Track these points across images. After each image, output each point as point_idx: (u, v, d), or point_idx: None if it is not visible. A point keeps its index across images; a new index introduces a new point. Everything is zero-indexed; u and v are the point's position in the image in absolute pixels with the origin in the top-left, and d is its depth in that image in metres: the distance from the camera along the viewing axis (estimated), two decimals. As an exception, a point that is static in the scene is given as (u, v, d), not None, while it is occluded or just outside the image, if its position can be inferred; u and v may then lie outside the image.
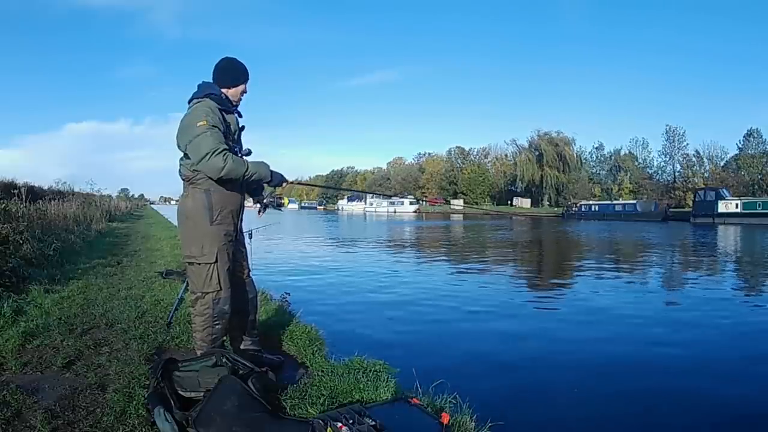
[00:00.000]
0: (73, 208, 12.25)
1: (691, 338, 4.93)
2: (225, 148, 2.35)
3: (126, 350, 3.02)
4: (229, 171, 2.35)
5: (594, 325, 5.42)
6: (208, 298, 2.50)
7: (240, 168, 2.39)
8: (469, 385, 2.80)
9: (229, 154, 2.36)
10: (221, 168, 2.32)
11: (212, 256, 2.47)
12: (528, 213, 55.11)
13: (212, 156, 2.31)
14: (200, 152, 2.32)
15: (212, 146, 2.31)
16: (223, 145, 2.36)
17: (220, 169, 2.33)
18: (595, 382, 3.73)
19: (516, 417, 2.92)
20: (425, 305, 6.33)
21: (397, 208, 60.25)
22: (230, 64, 2.65)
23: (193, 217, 2.50)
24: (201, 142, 2.33)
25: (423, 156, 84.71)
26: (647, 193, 52.84)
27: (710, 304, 6.49)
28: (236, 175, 2.39)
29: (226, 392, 2.01)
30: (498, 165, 72.30)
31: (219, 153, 2.32)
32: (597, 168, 65.44)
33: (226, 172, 2.35)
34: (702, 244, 17.02)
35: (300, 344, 3.23)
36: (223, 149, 2.34)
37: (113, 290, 4.90)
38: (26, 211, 7.82)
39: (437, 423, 2.03)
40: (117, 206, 25.57)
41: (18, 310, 3.81)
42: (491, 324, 5.44)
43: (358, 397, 2.35)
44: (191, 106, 2.50)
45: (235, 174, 2.38)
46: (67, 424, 2.08)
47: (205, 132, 2.33)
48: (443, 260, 12.09)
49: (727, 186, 40.74)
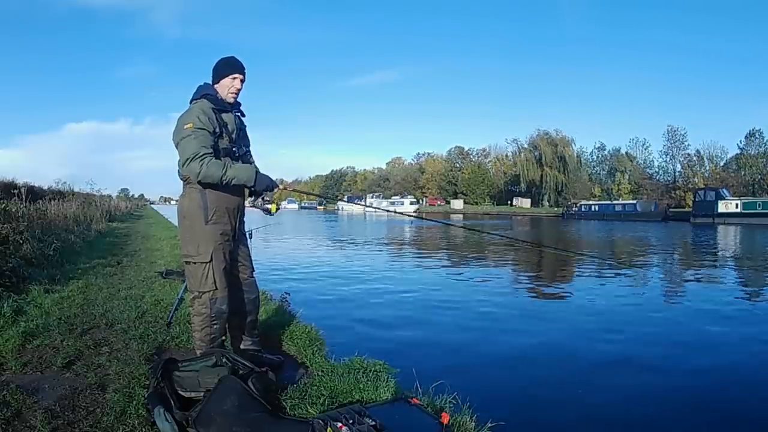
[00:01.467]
0: (73, 208, 12.25)
1: (694, 339, 4.93)
2: (205, 153, 2.36)
3: (126, 350, 3.02)
4: (205, 176, 2.37)
5: (595, 325, 5.41)
6: (205, 298, 2.50)
7: (216, 172, 2.38)
8: (469, 385, 2.80)
9: (207, 159, 2.36)
10: (198, 173, 2.36)
11: (207, 256, 2.47)
12: (528, 213, 55.12)
13: (191, 161, 2.34)
14: (183, 156, 2.38)
15: (193, 151, 2.34)
16: (206, 149, 2.37)
17: (197, 174, 2.36)
18: (598, 381, 3.73)
19: (516, 417, 2.92)
20: (425, 305, 6.33)
21: (397, 208, 60.21)
22: (219, 61, 2.64)
23: (189, 216, 2.51)
24: (185, 146, 2.37)
25: (423, 156, 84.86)
26: (647, 193, 52.78)
27: (711, 305, 6.49)
28: (213, 179, 2.39)
29: (226, 392, 2.01)
30: (498, 165, 72.31)
31: (198, 158, 2.34)
32: (597, 168, 65.43)
33: (203, 177, 2.37)
34: (702, 244, 17.01)
35: (300, 344, 3.23)
36: (203, 154, 2.36)
37: (113, 290, 4.90)
38: (26, 211, 7.82)
39: (437, 423, 2.03)
40: (117, 206, 25.55)
41: (18, 310, 3.81)
42: (492, 324, 5.43)
43: (358, 397, 2.34)
44: (187, 108, 2.52)
45: (212, 179, 2.39)
46: (67, 424, 2.08)
47: (190, 135, 2.36)
48: (443, 260, 12.09)
49: (727, 186, 40.72)
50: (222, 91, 2.59)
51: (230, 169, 2.43)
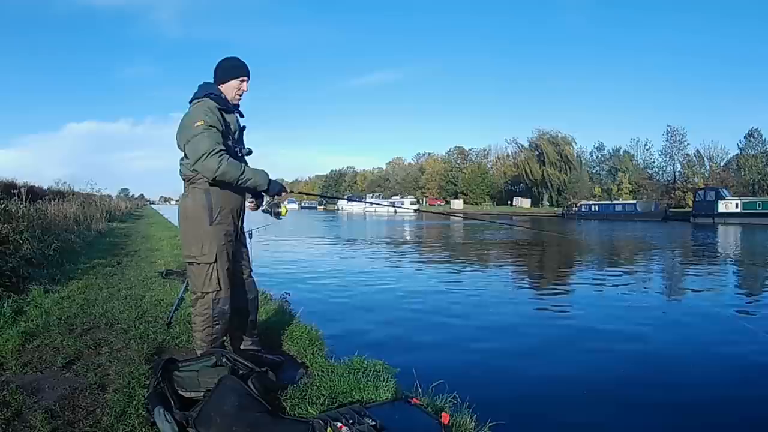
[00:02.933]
0: (73, 208, 12.25)
1: (696, 340, 4.92)
2: (222, 150, 2.35)
3: (126, 350, 3.01)
4: (223, 173, 2.34)
5: (597, 324, 5.42)
6: (208, 298, 2.49)
7: (235, 172, 2.37)
8: (469, 385, 2.80)
9: (225, 156, 2.35)
10: (215, 169, 2.32)
11: (212, 256, 2.47)
12: (528, 213, 55.10)
13: (208, 157, 2.30)
14: (197, 153, 2.33)
15: (209, 147, 2.31)
16: (220, 146, 2.35)
17: (214, 171, 2.32)
18: (598, 381, 3.73)
19: (516, 417, 2.92)
20: (425, 305, 6.33)
21: (398, 209, 60.12)
22: (225, 61, 2.63)
23: (192, 216, 2.49)
24: (198, 143, 2.33)
25: (423, 156, 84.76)
26: (647, 193, 52.75)
27: (713, 304, 6.49)
28: (230, 178, 2.37)
29: (226, 392, 2.01)
30: (498, 165, 72.27)
31: (215, 154, 2.31)
32: (597, 168, 65.37)
33: (220, 174, 2.34)
34: (702, 245, 17.00)
35: (300, 344, 3.23)
36: (220, 150, 2.33)
37: (113, 290, 4.90)
38: (26, 211, 7.81)
39: (437, 423, 2.03)
40: (117, 206, 25.51)
41: (18, 310, 3.81)
42: (492, 324, 5.43)
43: (358, 397, 2.34)
44: (191, 106, 2.50)
45: (230, 177, 2.37)
46: (67, 424, 2.08)
47: (203, 132, 2.33)
48: (444, 260, 12.08)
49: (727, 186, 40.71)
50: (228, 93, 2.58)
51: (248, 171, 2.43)
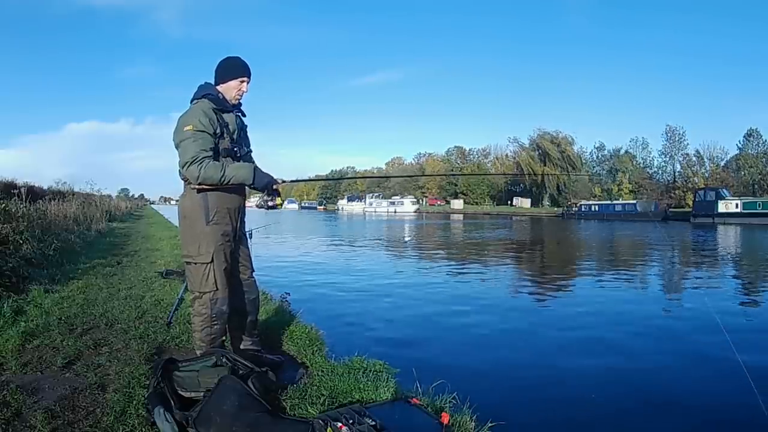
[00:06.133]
0: (73, 208, 12.26)
1: (696, 340, 4.92)
2: (204, 156, 2.38)
3: (126, 350, 3.02)
4: (204, 179, 2.39)
5: (598, 325, 5.42)
6: (206, 298, 2.50)
7: (215, 174, 2.39)
8: (469, 385, 2.80)
9: (205, 162, 2.37)
10: (197, 177, 2.38)
11: (208, 256, 2.47)
12: (528, 213, 55.10)
13: (191, 165, 2.36)
14: (182, 158, 2.40)
15: (192, 154, 2.36)
16: (205, 152, 2.39)
17: (196, 178, 2.38)
18: (599, 381, 3.73)
19: (516, 417, 2.92)
20: (425, 305, 6.33)
21: (398, 208, 60.15)
22: (224, 61, 2.64)
23: (190, 216, 2.51)
24: (185, 148, 2.38)
25: (423, 156, 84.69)
26: (647, 193, 52.72)
27: (715, 307, 6.48)
28: (212, 182, 2.41)
29: (226, 392, 2.01)
30: (498, 165, 72.19)
31: (197, 162, 2.36)
32: (597, 168, 65.33)
33: (202, 180, 2.39)
34: (702, 245, 17.00)
35: (300, 344, 3.23)
36: (203, 157, 2.37)
37: (113, 290, 4.90)
38: (26, 211, 7.81)
39: (437, 423, 2.03)
40: (117, 206, 25.53)
41: (18, 310, 3.81)
42: (492, 324, 5.43)
43: (358, 397, 2.34)
44: (188, 108, 2.51)
45: (211, 181, 2.40)
46: (67, 424, 2.08)
47: (189, 138, 2.37)
48: (444, 260, 12.09)
49: (727, 186, 40.69)
50: (228, 93, 2.58)
51: (228, 169, 2.43)
